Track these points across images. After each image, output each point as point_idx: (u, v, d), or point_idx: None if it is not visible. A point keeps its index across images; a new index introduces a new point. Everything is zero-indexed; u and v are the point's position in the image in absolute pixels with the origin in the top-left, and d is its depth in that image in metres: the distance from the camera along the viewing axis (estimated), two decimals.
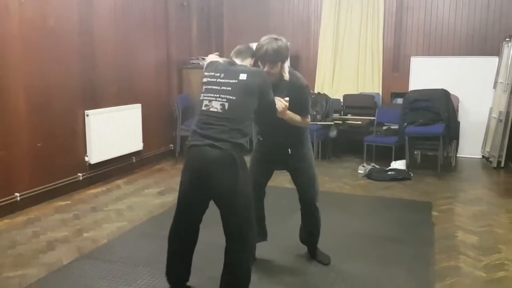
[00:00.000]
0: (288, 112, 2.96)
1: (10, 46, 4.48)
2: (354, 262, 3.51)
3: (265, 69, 2.91)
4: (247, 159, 2.87)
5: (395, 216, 4.57)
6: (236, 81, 2.69)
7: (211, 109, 2.68)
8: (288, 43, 3.01)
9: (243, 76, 2.70)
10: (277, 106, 2.87)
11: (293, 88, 3.02)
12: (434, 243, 3.89)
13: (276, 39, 2.92)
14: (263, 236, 3.46)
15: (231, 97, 2.66)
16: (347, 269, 3.36)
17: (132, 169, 6.26)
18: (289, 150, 3.20)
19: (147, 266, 3.42)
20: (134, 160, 6.29)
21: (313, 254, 3.49)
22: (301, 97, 3.06)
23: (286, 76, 3.02)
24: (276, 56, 2.89)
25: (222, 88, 2.69)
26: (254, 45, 3.03)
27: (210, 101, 2.70)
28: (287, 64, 3.05)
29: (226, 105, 2.65)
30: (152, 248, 3.74)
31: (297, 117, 3.07)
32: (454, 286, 3.15)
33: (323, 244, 3.54)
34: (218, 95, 2.69)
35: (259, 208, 3.37)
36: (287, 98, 2.90)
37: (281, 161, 3.28)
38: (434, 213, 4.64)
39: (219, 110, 2.66)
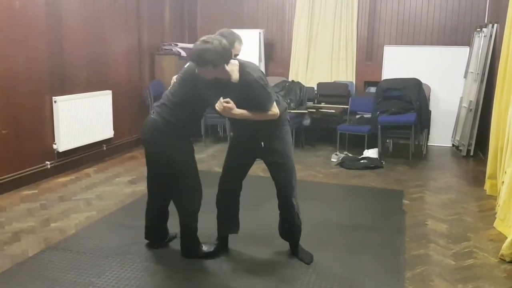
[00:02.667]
0: (239, 111, 2.87)
1: None
2: (325, 250, 3.51)
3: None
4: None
5: (367, 204, 4.60)
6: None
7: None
8: (235, 41, 3.09)
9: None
10: (216, 107, 2.88)
11: (245, 85, 2.86)
12: (405, 231, 3.92)
13: (206, 42, 2.73)
14: (235, 228, 3.42)
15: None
16: (317, 258, 3.35)
17: (103, 157, 6.13)
18: (262, 143, 3.12)
19: (117, 257, 3.34)
20: (104, 148, 6.15)
21: (295, 251, 3.37)
22: (255, 93, 2.87)
23: (234, 77, 2.87)
24: (202, 61, 2.73)
25: None
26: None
27: None
28: (235, 63, 2.87)
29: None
30: (122, 238, 3.67)
31: (256, 113, 2.93)
32: (424, 274, 3.18)
33: None
34: None
35: (234, 201, 3.35)
36: (227, 99, 2.83)
37: (255, 153, 3.22)
38: (405, 201, 4.69)
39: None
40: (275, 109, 2.97)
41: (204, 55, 2.71)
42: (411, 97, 6.11)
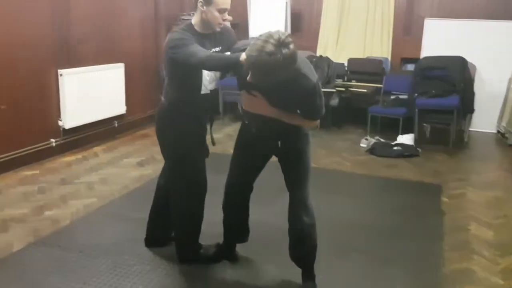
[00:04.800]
0: (272, 110, 2.34)
1: None
2: (346, 259, 3.03)
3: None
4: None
5: (399, 201, 4.04)
6: None
7: None
8: None
9: None
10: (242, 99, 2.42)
11: (296, 89, 2.22)
12: (444, 237, 3.38)
13: (270, 53, 2.03)
14: (243, 237, 2.93)
15: None
16: (337, 266, 2.89)
17: (114, 134, 5.73)
18: (279, 142, 2.55)
19: (109, 258, 2.94)
20: (116, 125, 5.75)
21: (305, 278, 2.69)
22: (309, 100, 2.28)
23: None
24: (264, 76, 2.12)
25: None
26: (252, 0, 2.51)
27: None
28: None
29: None
30: (119, 233, 3.27)
31: (295, 118, 2.38)
32: None
33: None
34: None
35: (243, 207, 2.82)
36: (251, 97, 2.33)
37: (268, 153, 2.65)
38: (444, 199, 4.12)
39: None
40: (319, 121, 2.48)
41: (268, 72, 2.07)
42: (455, 78, 5.45)
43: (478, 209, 3.90)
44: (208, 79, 2.61)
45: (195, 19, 2.55)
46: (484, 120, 6.38)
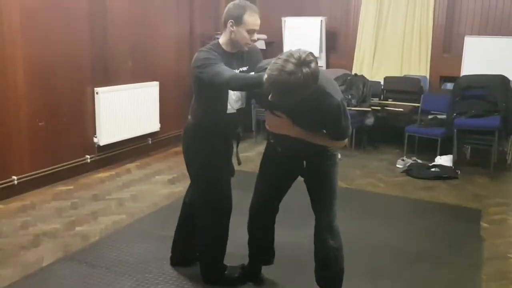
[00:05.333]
0: (297, 130, 2.31)
1: (7, 10, 4.01)
2: (376, 284, 2.91)
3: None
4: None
5: (436, 226, 3.88)
6: None
7: None
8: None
9: None
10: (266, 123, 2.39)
11: (321, 108, 2.20)
12: (482, 266, 3.20)
13: (290, 72, 1.99)
14: (268, 259, 2.84)
15: None
16: None
17: (148, 151, 5.79)
18: (304, 162, 2.50)
19: (134, 276, 2.93)
20: (150, 142, 5.82)
21: None
22: (334, 119, 2.25)
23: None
24: (284, 95, 2.10)
25: None
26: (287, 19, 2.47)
27: None
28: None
29: None
30: (145, 251, 3.26)
31: (320, 138, 2.36)
32: None
33: (346, 259, 2.67)
34: None
35: (268, 228, 2.76)
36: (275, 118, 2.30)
37: (293, 173, 2.60)
38: (483, 224, 3.92)
39: None
40: (347, 140, 2.44)
41: (289, 91, 2.04)
42: (496, 97, 5.23)
43: None
44: (234, 98, 2.58)
45: (223, 38, 2.55)
46: None
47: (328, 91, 2.17)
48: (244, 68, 2.56)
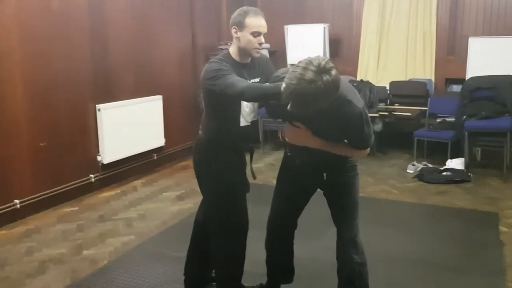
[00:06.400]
0: (317, 140, 2.22)
1: (5, 27, 3.94)
2: None
3: None
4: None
5: (453, 232, 3.77)
6: None
7: None
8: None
9: None
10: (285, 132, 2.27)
11: (342, 116, 2.09)
12: (505, 272, 3.08)
13: (310, 81, 1.90)
14: (288, 277, 2.73)
15: None
16: None
17: (153, 167, 5.69)
18: (324, 175, 2.40)
19: None
20: (155, 157, 5.71)
21: None
22: (355, 128, 2.14)
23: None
24: (305, 105, 2.00)
25: None
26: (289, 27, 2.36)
27: None
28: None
29: None
30: (156, 273, 3.14)
31: (342, 148, 2.26)
32: None
33: None
34: None
35: (287, 245, 2.64)
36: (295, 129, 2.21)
37: (313, 186, 2.49)
38: (502, 228, 3.81)
39: None
40: (368, 150, 2.31)
41: (309, 100, 1.94)
42: (505, 98, 5.14)
43: None
44: (247, 110, 2.49)
45: (232, 48, 2.47)
46: None
47: (349, 98, 2.08)
48: (257, 79, 2.46)
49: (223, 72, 2.29)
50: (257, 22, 2.37)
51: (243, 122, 2.48)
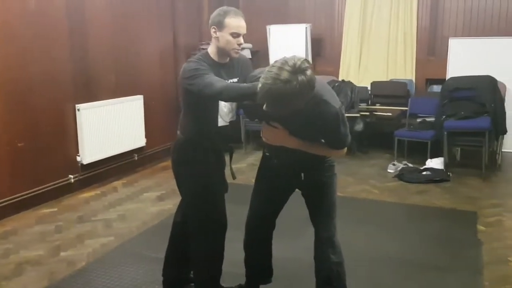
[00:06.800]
0: (294, 140, 2.21)
1: None
2: None
3: None
4: None
5: (433, 231, 3.80)
6: None
7: None
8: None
9: None
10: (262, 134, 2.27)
11: (318, 116, 2.08)
12: (483, 271, 3.12)
13: (285, 81, 1.89)
14: (266, 277, 2.72)
15: None
16: None
17: (134, 168, 5.64)
18: (302, 175, 2.40)
19: None
20: (136, 158, 5.66)
21: None
22: (332, 128, 2.12)
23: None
24: (280, 105, 1.99)
25: None
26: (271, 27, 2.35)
27: None
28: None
29: None
30: (135, 275, 3.11)
31: (319, 148, 2.25)
32: None
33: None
34: None
35: (265, 246, 2.64)
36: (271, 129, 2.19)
37: (291, 186, 2.49)
38: (480, 227, 3.86)
39: None
40: (346, 149, 2.29)
41: (285, 100, 1.93)
42: (484, 98, 5.20)
43: None
44: (226, 110, 2.48)
45: (211, 48, 2.45)
46: None
47: (325, 98, 2.07)
48: (235, 80, 2.45)
49: (201, 71, 2.27)
50: (236, 22, 2.35)
51: (221, 122, 2.47)
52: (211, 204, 2.55)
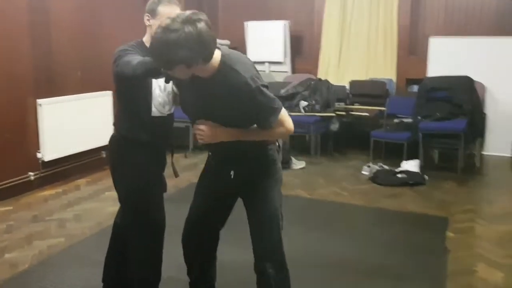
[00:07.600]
0: (227, 132, 2.01)
1: None
2: None
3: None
4: None
5: (398, 237, 3.64)
6: None
7: None
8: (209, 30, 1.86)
9: None
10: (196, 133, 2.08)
11: (232, 91, 1.91)
12: (446, 281, 2.96)
13: (170, 30, 1.75)
14: (207, 283, 2.52)
15: None
16: None
17: (101, 166, 5.44)
18: (231, 172, 2.15)
19: None
20: (104, 155, 5.47)
21: None
22: (249, 102, 1.92)
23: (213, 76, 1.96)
24: (167, 61, 1.81)
25: None
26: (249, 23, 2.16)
27: None
28: (215, 56, 1.90)
29: None
30: (77, 279, 2.95)
31: (257, 132, 2.04)
32: None
33: (297, 276, 2.34)
34: None
35: (205, 253, 2.44)
36: (201, 127, 2.01)
37: (224, 188, 2.24)
38: (449, 233, 3.70)
39: None
40: (287, 124, 2.02)
41: (167, 51, 1.76)
42: (461, 99, 5.07)
43: (487, 246, 3.46)
44: (160, 100, 2.32)
45: (145, 37, 2.34)
46: (497, 143, 5.92)
47: (235, 67, 1.90)
48: None
49: (127, 52, 2.15)
50: (169, 10, 2.22)
51: (155, 113, 2.31)
52: (148, 204, 2.40)
